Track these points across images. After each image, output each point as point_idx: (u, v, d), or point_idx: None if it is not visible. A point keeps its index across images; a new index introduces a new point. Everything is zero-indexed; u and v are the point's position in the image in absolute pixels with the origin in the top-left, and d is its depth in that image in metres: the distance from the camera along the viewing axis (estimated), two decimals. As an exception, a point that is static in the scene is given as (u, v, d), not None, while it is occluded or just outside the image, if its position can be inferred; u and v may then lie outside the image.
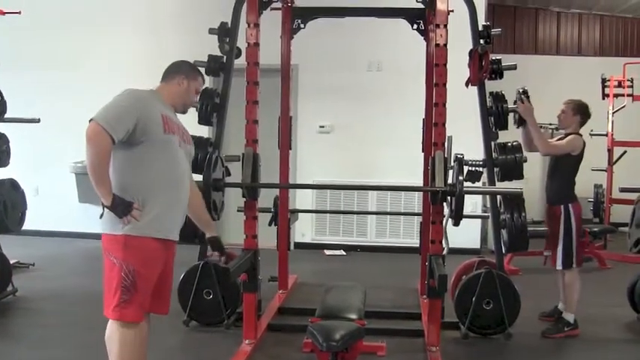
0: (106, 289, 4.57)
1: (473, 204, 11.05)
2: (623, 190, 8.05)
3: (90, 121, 4.32)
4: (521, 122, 7.01)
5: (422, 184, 8.09)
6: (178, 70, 4.86)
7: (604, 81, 12.31)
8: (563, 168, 7.18)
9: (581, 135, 7.31)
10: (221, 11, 7.19)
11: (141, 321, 4.60)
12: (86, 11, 11.94)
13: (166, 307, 4.91)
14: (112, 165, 4.39)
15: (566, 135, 7.26)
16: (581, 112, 7.34)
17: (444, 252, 6.41)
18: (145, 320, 4.69)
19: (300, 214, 9.85)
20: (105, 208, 4.41)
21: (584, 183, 13.63)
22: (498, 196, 6.90)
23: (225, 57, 7.09)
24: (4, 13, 8.92)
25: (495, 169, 6.87)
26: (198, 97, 4.89)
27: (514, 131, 7.06)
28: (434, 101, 6.19)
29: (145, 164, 4.46)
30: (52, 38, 11.90)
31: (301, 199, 11.32)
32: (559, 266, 7.12)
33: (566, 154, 7.12)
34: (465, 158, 6.31)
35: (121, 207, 4.36)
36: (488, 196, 7.46)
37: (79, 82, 11.69)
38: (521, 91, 6.95)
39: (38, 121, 8.48)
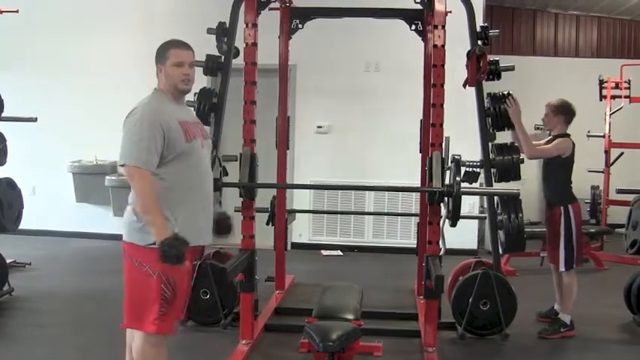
0: (138, 301, 4.41)
1: (470, 205, 11.06)
2: (620, 191, 8.05)
3: (122, 166, 4.30)
4: (511, 125, 7.00)
5: (419, 185, 8.09)
6: (156, 60, 4.70)
7: (601, 82, 12.30)
8: (556, 170, 7.20)
9: (568, 135, 7.31)
10: (219, 11, 7.20)
11: (175, 334, 4.61)
12: (84, 12, 11.94)
13: (183, 312, 4.82)
14: None
15: (554, 137, 7.28)
16: (562, 111, 7.38)
17: (441, 253, 6.41)
18: None
19: (297, 215, 9.86)
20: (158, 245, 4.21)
21: (581, 184, 13.61)
22: (495, 197, 6.90)
23: (223, 57, 7.09)
24: (1, 12, 8.90)
25: (492, 170, 6.87)
26: (187, 66, 4.63)
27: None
28: (432, 102, 6.20)
29: (175, 178, 4.41)
30: (51, 38, 11.91)
31: (298, 200, 11.33)
32: (562, 268, 7.10)
33: (556, 156, 7.12)
34: (463, 159, 6.32)
35: (170, 252, 4.14)
36: (485, 197, 7.45)
37: (76, 82, 11.71)
38: (506, 93, 6.94)
39: (35, 120, 8.49)
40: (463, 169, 6.61)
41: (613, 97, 12.24)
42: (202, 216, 4.61)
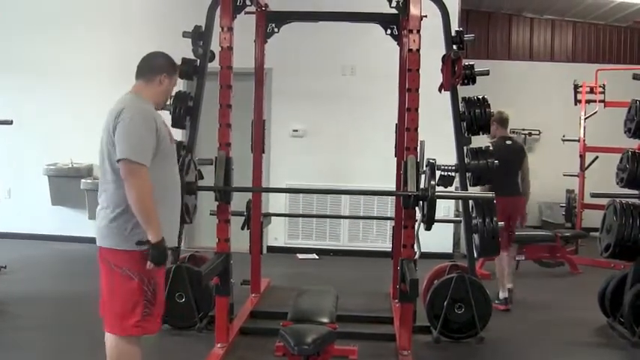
0: (121, 304, 4.43)
1: (445, 208, 11.09)
2: (594, 195, 8.09)
3: (118, 161, 4.33)
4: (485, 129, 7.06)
5: (395, 189, 8.10)
6: (159, 68, 4.74)
7: (576, 87, 12.39)
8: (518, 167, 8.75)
9: (505, 137, 8.79)
10: (195, 15, 7.19)
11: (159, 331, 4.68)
12: (60, 13, 11.87)
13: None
14: None
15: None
16: (494, 120, 8.23)
17: (416, 256, 6.43)
18: None
19: (272, 218, 9.84)
20: (146, 244, 4.32)
21: (557, 188, 13.79)
22: (470, 201, 6.92)
23: (198, 60, 7.09)
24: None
25: (467, 174, 6.90)
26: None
27: (486, 136, 7.08)
28: (406, 106, 6.22)
29: (160, 176, 4.46)
30: (27, 40, 11.83)
31: (274, 203, 11.33)
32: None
33: None
34: (438, 163, 6.34)
35: (164, 253, 4.34)
36: (460, 201, 7.48)
37: (52, 85, 11.65)
38: (481, 98, 6.96)
39: (11, 122, 8.45)
40: (438, 173, 6.62)
41: (588, 101, 12.33)
42: (175, 217, 4.70)
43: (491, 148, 7.15)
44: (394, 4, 6.43)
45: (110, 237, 4.43)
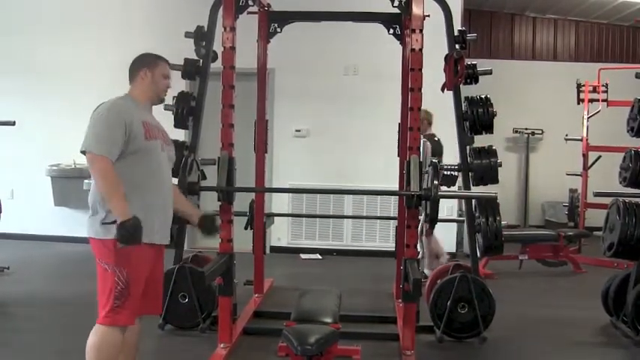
0: (99, 294, 4.59)
1: (448, 208, 11.09)
2: (597, 194, 8.07)
3: (83, 153, 4.46)
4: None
5: (397, 189, 8.09)
6: (139, 64, 4.90)
7: (579, 86, 12.38)
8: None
9: (433, 134, 9.36)
10: (197, 15, 7.20)
11: (133, 324, 4.69)
12: (64, 14, 11.91)
13: (159, 308, 5.09)
14: None
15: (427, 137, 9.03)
16: (425, 119, 8.79)
17: (419, 256, 6.43)
18: (136, 323, 4.78)
19: (276, 218, 9.86)
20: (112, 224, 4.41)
21: (560, 188, 13.80)
22: (473, 201, 6.92)
23: (201, 60, 7.09)
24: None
25: (470, 174, 6.89)
26: (169, 80, 4.88)
27: (489, 136, 7.08)
28: (409, 106, 6.20)
29: (130, 172, 4.52)
30: (29, 42, 11.85)
31: (277, 203, 11.33)
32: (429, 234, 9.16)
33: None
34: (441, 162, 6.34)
35: (130, 231, 4.34)
36: (463, 201, 7.47)
37: (55, 86, 11.67)
38: (484, 97, 6.97)
39: (13, 124, 8.46)
40: (441, 173, 6.62)
41: (590, 100, 12.32)
42: (157, 215, 4.69)
43: (493, 147, 7.13)
44: (397, 3, 6.41)
45: (90, 227, 4.60)
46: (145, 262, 4.64)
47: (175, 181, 5.95)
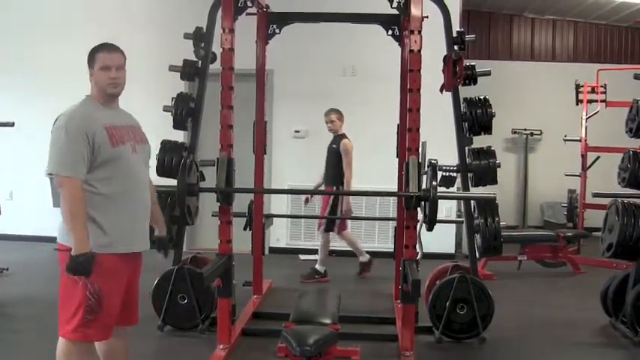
0: (63, 307, 4.44)
1: (447, 209, 11.09)
2: (596, 195, 8.08)
3: (50, 175, 4.34)
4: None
5: (396, 190, 8.09)
6: (87, 64, 4.74)
7: (578, 87, 12.39)
8: (339, 163, 9.80)
9: (344, 134, 9.95)
10: (196, 16, 7.20)
11: (107, 339, 4.52)
12: (62, 13, 11.91)
13: (135, 318, 4.79)
14: None
15: (340, 137, 9.89)
16: (339, 119, 9.96)
17: (418, 257, 6.44)
18: (114, 336, 4.58)
19: (274, 219, 9.86)
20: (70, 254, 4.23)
21: (558, 188, 13.81)
22: (472, 202, 6.92)
23: (200, 62, 7.09)
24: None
25: (469, 175, 6.91)
26: (114, 70, 4.58)
27: (488, 137, 7.08)
28: (408, 107, 6.20)
29: (103, 184, 4.34)
30: (27, 41, 11.85)
31: (276, 204, 11.34)
32: (322, 229, 9.82)
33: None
34: (439, 163, 6.34)
35: (81, 265, 4.19)
36: (462, 201, 7.48)
37: (54, 86, 11.63)
38: (482, 98, 6.98)
39: (12, 124, 8.46)
40: (440, 174, 6.63)
41: (589, 101, 12.34)
42: (134, 222, 4.53)
43: (492, 148, 7.13)
44: (395, 4, 6.43)
45: (59, 232, 4.45)
46: (121, 274, 4.46)
47: (174, 182, 5.97)
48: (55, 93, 11.49)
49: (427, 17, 6.44)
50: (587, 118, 12.22)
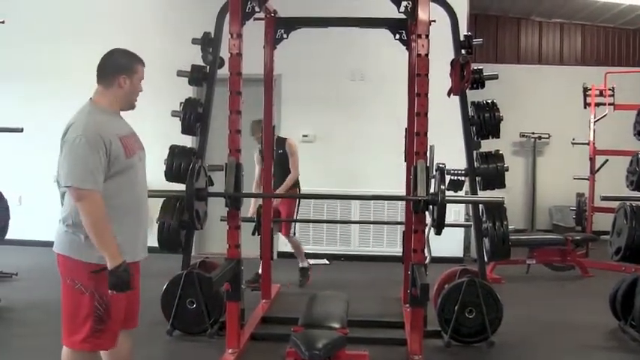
0: (70, 317, 4.34)
1: (455, 213, 11.09)
2: (604, 198, 8.08)
3: (67, 187, 4.27)
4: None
5: (404, 194, 8.09)
6: (116, 69, 4.53)
7: (585, 90, 12.36)
8: (286, 165, 9.54)
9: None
10: (204, 21, 7.22)
11: (115, 347, 4.46)
12: (70, 20, 11.93)
13: (135, 321, 4.72)
14: None
15: (282, 140, 9.51)
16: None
17: (427, 261, 6.43)
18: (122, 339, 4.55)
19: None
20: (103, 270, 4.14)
21: (567, 192, 13.79)
22: (480, 205, 6.92)
23: (208, 67, 7.11)
24: (-13, 23, 8.90)
25: (477, 179, 6.90)
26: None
27: (496, 140, 7.08)
28: (416, 111, 6.21)
29: (116, 195, 4.27)
30: (38, 48, 11.87)
31: (284, 209, 11.34)
32: (291, 234, 9.91)
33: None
34: (447, 167, 6.35)
35: (122, 278, 4.11)
36: (470, 205, 7.48)
37: (63, 92, 11.63)
38: (490, 102, 6.99)
39: (21, 130, 8.46)
40: (448, 178, 6.63)
41: (597, 104, 12.32)
42: (138, 231, 4.50)
43: (500, 151, 7.13)
44: (403, 9, 6.42)
45: (64, 243, 4.39)
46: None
47: (183, 187, 5.99)
48: (64, 99, 11.51)
49: (435, 21, 6.44)
50: (595, 122, 12.20)
